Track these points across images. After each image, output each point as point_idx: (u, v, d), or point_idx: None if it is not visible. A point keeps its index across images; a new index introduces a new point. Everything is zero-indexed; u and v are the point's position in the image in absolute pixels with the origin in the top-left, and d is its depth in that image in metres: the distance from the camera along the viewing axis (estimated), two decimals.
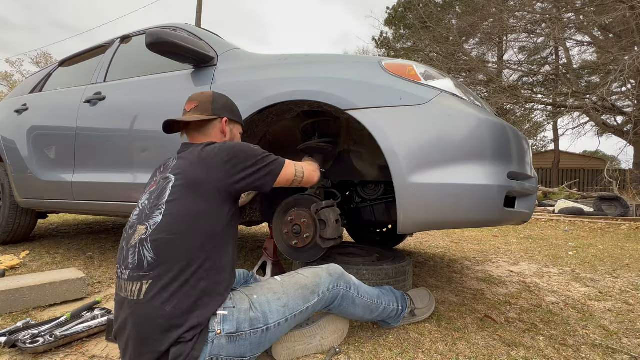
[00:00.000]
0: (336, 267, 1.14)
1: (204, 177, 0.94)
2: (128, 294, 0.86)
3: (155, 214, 0.91)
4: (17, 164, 2.44)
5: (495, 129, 1.21)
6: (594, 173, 14.04)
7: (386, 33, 15.95)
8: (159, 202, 0.93)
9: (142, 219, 0.93)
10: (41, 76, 2.78)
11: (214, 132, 1.13)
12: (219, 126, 1.14)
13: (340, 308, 1.11)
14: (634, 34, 7.71)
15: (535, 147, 21.26)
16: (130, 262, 0.88)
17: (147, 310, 0.83)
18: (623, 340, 1.29)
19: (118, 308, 0.90)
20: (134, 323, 0.84)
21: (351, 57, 1.51)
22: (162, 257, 0.86)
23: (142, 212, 0.95)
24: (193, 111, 1.13)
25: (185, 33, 1.94)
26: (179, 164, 0.99)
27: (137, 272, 0.86)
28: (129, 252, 0.90)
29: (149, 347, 0.82)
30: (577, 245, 3.39)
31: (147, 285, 0.84)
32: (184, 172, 0.96)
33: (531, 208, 1.44)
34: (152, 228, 0.89)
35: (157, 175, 1.05)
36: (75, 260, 2.22)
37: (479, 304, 1.59)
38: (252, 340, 0.90)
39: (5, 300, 1.36)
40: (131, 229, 0.94)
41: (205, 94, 1.17)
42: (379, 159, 1.65)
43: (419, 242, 3.27)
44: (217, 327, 0.86)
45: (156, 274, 0.85)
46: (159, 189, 0.96)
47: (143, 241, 0.88)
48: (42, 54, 21.99)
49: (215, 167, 0.95)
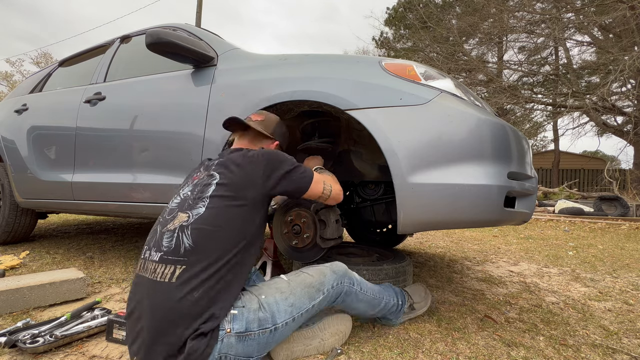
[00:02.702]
0: (339, 265, 1.16)
1: (245, 180, 1.01)
2: (157, 275, 0.88)
3: (199, 205, 0.97)
4: (17, 164, 2.44)
5: (495, 129, 1.21)
6: (594, 173, 14.04)
7: (386, 33, 15.97)
8: (203, 195, 0.99)
9: (184, 207, 0.98)
10: (41, 76, 2.78)
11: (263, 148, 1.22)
12: (270, 146, 1.25)
13: (344, 304, 1.14)
14: (634, 34, 7.71)
15: (535, 147, 21.25)
16: (165, 245, 0.92)
17: (175, 294, 0.85)
18: (623, 340, 1.29)
19: (136, 289, 0.92)
20: (157, 305, 0.85)
21: (351, 57, 1.51)
22: (199, 246, 0.90)
23: (185, 201, 1.00)
24: (259, 123, 1.24)
25: (185, 33, 1.94)
26: (224, 164, 1.05)
27: (172, 255, 0.89)
28: (165, 235, 0.94)
29: (168, 336, 0.83)
30: (577, 245, 3.39)
31: (181, 270, 0.87)
32: (228, 172, 1.02)
33: (531, 208, 1.45)
34: (195, 217, 0.94)
35: (201, 170, 1.11)
36: (75, 260, 2.22)
37: (479, 304, 1.59)
38: (260, 340, 0.91)
39: (5, 300, 1.36)
40: (170, 214, 0.99)
41: (272, 115, 1.30)
42: (379, 159, 1.65)
43: (419, 242, 3.27)
44: (227, 325, 0.87)
45: (191, 261, 0.88)
46: (202, 183, 1.03)
47: (184, 227, 0.93)
48: (42, 54, 21.99)
49: (256, 171, 1.03)
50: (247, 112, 1.44)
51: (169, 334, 0.83)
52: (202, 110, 1.61)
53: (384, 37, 15.94)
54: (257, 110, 1.32)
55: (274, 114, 1.34)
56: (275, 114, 1.54)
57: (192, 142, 1.62)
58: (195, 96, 1.67)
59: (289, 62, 1.53)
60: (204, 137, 1.58)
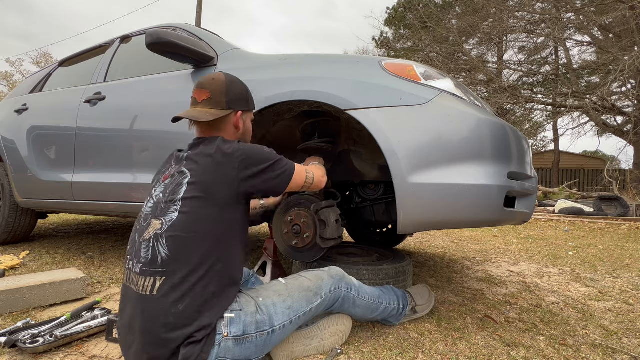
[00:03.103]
0: (337, 270, 1.15)
1: (218, 179, 0.93)
2: (139, 288, 0.85)
3: (171, 210, 0.90)
4: (17, 164, 2.44)
5: (495, 129, 1.21)
6: (594, 173, 14.04)
7: (386, 33, 15.97)
8: (175, 197, 0.92)
9: (157, 213, 0.92)
10: (41, 76, 2.78)
11: (227, 126, 1.08)
12: (233, 120, 1.08)
13: (342, 309, 1.14)
14: (634, 34, 7.71)
15: (535, 147, 21.24)
16: (143, 256, 0.88)
17: (159, 307, 0.82)
18: (623, 340, 1.29)
19: (125, 300, 0.90)
20: (143, 318, 0.83)
21: (351, 57, 1.51)
22: (176, 255, 0.86)
23: (157, 205, 0.94)
24: (205, 103, 1.04)
25: (185, 33, 1.94)
26: (193, 159, 0.96)
27: (150, 267, 0.86)
28: (142, 246, 0.89)
29: (157, 346, 0.82)
30: (577, 245, 3.39)
31: (161, 282, 0.84)
32: (199, 170, 0.94)
33: (531, 208, 1.44)
34: (168, 224, 0.88)
35: (172, 166, 1.01)
36: (75, 260, 2.22)
37: (479, 304, 1.59)
38: (258, 342, 0.91)
39: (5, 300, 1.36)
40: (145, 221, 0.94)
41: (217, 80, 1.06)
42: (379, 159, 1.64)
43: (419, 242, 3.27)
44: (225, 329, 0.86)
45: (170, 271, 0.84)
46: (174, 183, 0.95)
47: (158, 236, 0.88)
48: (42, 54, 21.98)
49: (229, 170, 0.93)
50: None
51: (159, 346, 0.82)
52: None
53: (384, 37, 15.94)
54: (197, 82, 1.09)
55: (220, 73, 1.10)
56: (275, 114, 1.55)
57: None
58: None
59: (289, 62, 1.53)
60: None
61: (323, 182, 1.23)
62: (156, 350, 0.82)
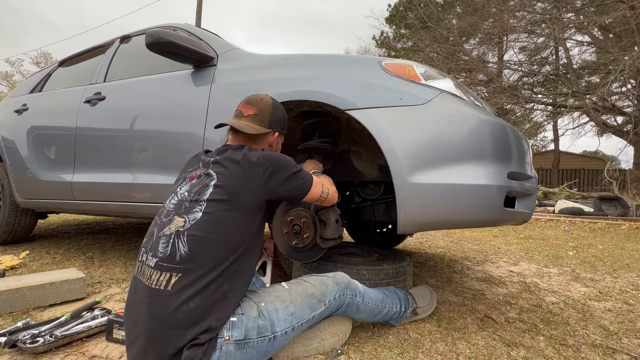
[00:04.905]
0: (343, 276, 1.15)
1: (244, 185, 0.97)
2: (153, 282, 0.86)
3: (195, 209, 0.93)
4: (17, 164, 2.44)
5: (495, 129, 1.21)
6: (594, 173, 14.04)
7: (386, 33, 15.97)
8: (200, 197, 0.94)
9: (181, 211, 0.95)
10: (41, 76, 2.78)
11: (263, 143, 1.16)
12: (270, 139, 1.17)
13: (345, 314, 1.14)
14: (634, 34, 7.71)
15: (535, 147, 21.24)
16: (160, 251, 0.89)
17: (170, 302, 0.83)
18: (623, 340, 1.29)
19: (134, 291, 0.90)
20: (153, 313, 0.84)
21: (351, 57, 1.51)
22: (195, 254, 0.87)
23: (181, 203, 0.97)
24: (250, 118, 1.13)
25: (185, 33, 1.94)
26: (221, 163, 1.00)
27: (168, 262, 0.87)
28: (161, 240, 0.91)
29: (161, 343, 0.82)
30: (577, 245, 3.39)
31: (176, 278, 0.85)
32: (226, 175, 0.97)
33: (531, 208, 1.45)
34: (191, 223, 0.91)
35: (200, 167, 1.04)
36: (75, 260, 2.22)
37: (479, 304, 1.59)
38: (259, 348, 0.90)
39: (5, 300, 1.36)
40: (167, 217, 0.96)
41: (265, 102, 1.16)
42: (379, 159, 1.65)
43: (419, 242, 3.27)
44: (226, 333, 0.86)
45: (187, 269, 0.86)
46: (200, 184, 0.98)
47: (180, 233, 0.89)
48: (42, 54, 21.98)
49: (255, 177, 0.98)
50: None
51: (164, 343, 0.82)
52: (202, 110, 1.61)
53: (384, 37, 15.94)
54: (246, 98, 1.18)
55: (267, 96, 1.21)
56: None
57: (192, 142, 1.62)
58: (195, 96, 1.67)
59: (289, 62, 1.53)
60: (204, 137, 1.58)
61: (336, 197, 1.25)
62: (160, 347, 0.82)
